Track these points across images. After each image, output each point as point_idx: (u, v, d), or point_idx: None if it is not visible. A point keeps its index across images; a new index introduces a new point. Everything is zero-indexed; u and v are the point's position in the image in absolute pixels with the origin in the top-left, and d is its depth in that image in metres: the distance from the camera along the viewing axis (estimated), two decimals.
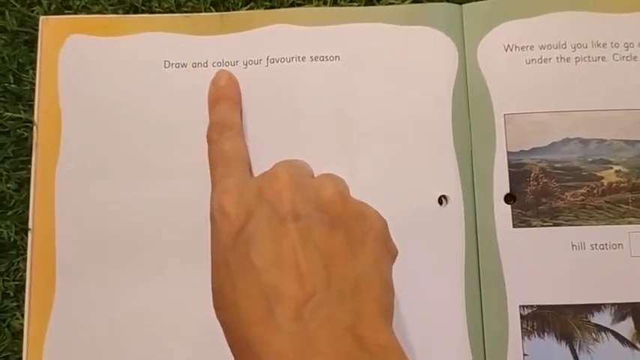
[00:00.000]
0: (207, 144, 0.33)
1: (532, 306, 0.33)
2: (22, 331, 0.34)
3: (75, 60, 0.36)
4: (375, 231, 0.26)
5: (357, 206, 0.27)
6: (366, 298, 0.25)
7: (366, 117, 0.35)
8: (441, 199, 0.34)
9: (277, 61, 0.35)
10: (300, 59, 0.35)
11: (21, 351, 0.33)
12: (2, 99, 0.36)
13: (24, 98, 0.36)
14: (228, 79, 0.35)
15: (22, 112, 0.36)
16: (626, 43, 0.35)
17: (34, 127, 0.35)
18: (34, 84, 0.36)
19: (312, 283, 0.24)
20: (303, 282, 0.24)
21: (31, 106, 0.36)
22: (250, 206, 0.26)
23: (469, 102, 0.35)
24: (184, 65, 0.36)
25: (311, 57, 0.35)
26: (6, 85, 0.36)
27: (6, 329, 0.34)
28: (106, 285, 0.34)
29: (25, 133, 0.36)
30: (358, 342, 0.23)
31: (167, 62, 0.36)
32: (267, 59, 0.35)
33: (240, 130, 0.33)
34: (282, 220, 0.25)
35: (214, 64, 0.36)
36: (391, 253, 0.27)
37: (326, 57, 0.35)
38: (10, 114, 0.36)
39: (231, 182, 0.28)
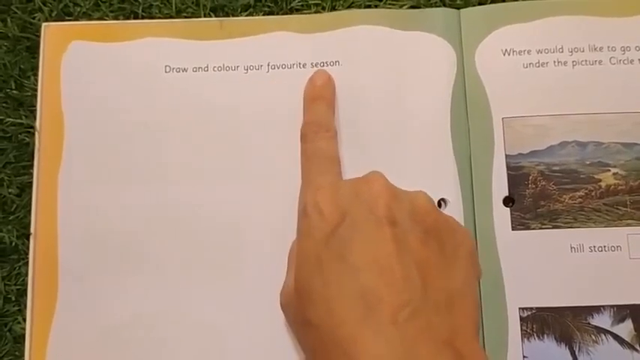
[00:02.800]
0: (299, 141, 0.33)
1: (531, 308, 0.33)
2: (23, 335, 0.34)
3: (77, 66, 0.36)
4: (465, 247, 0.27)
5: (448, 220, 0.27)
6: (460, 313, 0.25)
7: (366, 121, 0.35)
8: (440, 202, 0.34)
9: (278, 67, 0.36)
10: (301, 65, 0.36)
11: (22, 355, 0.33)
12: (4, 105, 0.36)
13: (25, 104, 0.36)
14: (327, 79, 0.34)
15: (23, 117, 0.36)
16: (623, 46, 0.35)
17: (36, 133, 0.35)
18: (35, 90, 0.36)
19: (408, 289, 0.24)
20: (399, 287, 0.24)
21: (33, 112, 0.36)
22: (346, 206, 0.27)
23: (467, 106, 0.35)
24: (185, 70, 0.36)
25: (311, 63, 0.36)
26: (7, 91, 0.36)
27: (7, 333, 0.34)
28: (108, 289, 0.34)
29: (27, 139, 0.36)
30: (458, 357, 0.23)
31: (168, 67, 0.36)
32: (268, 65, 0.36)
33: (335, 133, 0.33)
34: (379, 224, 0.26)
35: (215, 69, 0.36)
36: (478, 274, 0.28)
37: (326, 62, 0.36)
38: (11, 119, 0.36)
39: (327, 180, 0.29)
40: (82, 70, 0.36)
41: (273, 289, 0.31)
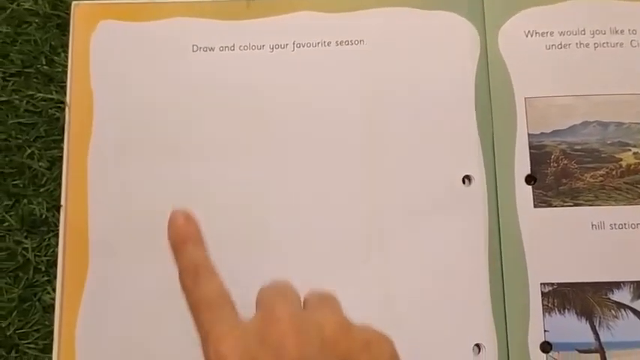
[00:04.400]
0: (183, 290, 0.30)
1: (553, 283, 0.34)
2: (52, 305, 0.34)
3: (106, 44, 0.37)
4: (386, 357, 0.26)
5: (360, 335, 0.26)
6: None
7: (391, 99, 0.35)
8: (465, 179, 0.34)
9: (303, 46, 0.36)
10: (326, 44, 0.36)
11: (51, 325, 0.34)
12: (34, 80, 0.37)
13: (56, 80, 0.37)
14: (184, 218, 0.32)
15: (54, 93, 0.37)
16: None
17: (66, 108, 0.36)
18: (65, 66, 0.37)
19: None
20: None
21: (63, 88, 0.37)
22: (252, 354, 0.25)
23: (490, 86, 0.36)
24: (212, 49, 0.37)
25: (336, 42, 0.36)
26: (38, 66, 0.37)
27: (37, 303, 0.35)
28: (138, 261, 0.34)
29: (57, 114, 0.37)
30: None
31: (195, 46, 0.37)
32: (294, 44, 0.36)
33: (213, 268, 0.30)
34: None
35: (241, 48, 0.37)
36: None
37: (350, 41, 0.36)
38: (42, 95, 0.37)
39: (226, 328, 0.26)
40: (111, 48, 0.37)
41: (303, 257, 0.32)
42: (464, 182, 0.34)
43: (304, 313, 0.27)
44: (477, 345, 0.33)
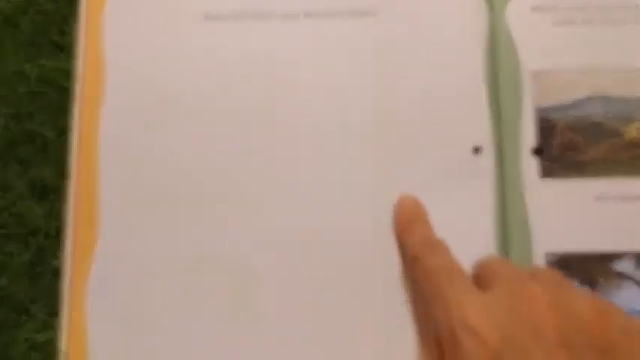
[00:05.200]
0: (412, 261, 0.30)
1: (557, 253, 0.34)
2: (62, 270, 0.35)
3: (118, 13, 0.37)
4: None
5: (620, 321, 0.25)
6: None
7: (401, 71, 0.36)
8: (475, 150, 0.35)
9: (314, 15, 0.37)
10: (337, 14, 0.37)
11: (61, 290, 0.34)
12: (45, 50, 0.37)
13: (66, 49, 0.37)
14: (414, 201, 0.33)
15: (64, 62, 0.37)
16: None
17: (77, 78, 0.36)
18: (76, 36, 0.37)
19: None
20: None
21: (74, 57, 0.37)
22: (505, 328, 0.24)
23: (498, 60, 0.36)
24: (224, 17, 0.37)
25: (348, 11, 0.37)
26: (49, 36, 0.37)
27: (47, 268, 0.35)
28: (148, 228, 0.35)
29: (67, 83, 0.37)
30: None
31: (207, 14, 0.37)
32: (304, 13, 0.37)
33: (447, 246, 0.30)
34: (549, 348, 0.23)
35: (252, 17, 0.37)
36: None
37: (363, 12, 0.37)
38: (52, 64, 0.37)
39: (468, 296, 0.25)
40: (124, 17, 0.37)
41: (314, 225, 0.32)
42: (474, 153, 0.35)
43: (554, 292, 0.25)
44: None
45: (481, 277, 0.27)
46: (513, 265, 0.27)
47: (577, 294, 0.25)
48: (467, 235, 0.34)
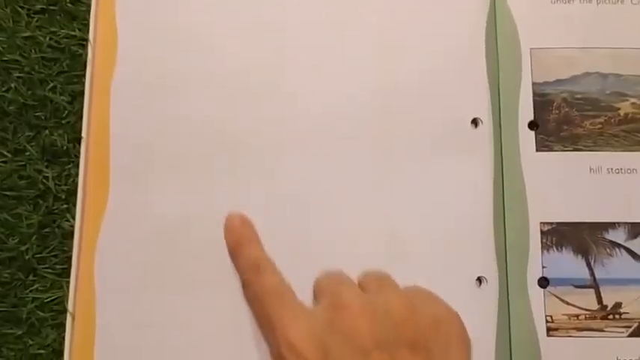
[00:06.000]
0: (243, 288, 0.31)
1: (552, 223, 0.35)
2: (71, 232, 0.36)
3: None
4: (453, 336, 0.26)
5: (427, 314, 0.26)
6: None
7: (405, 46, 0.37)
8: (473, 122, 0.36)
9: None
10: None
11: (70, 250, 0.35)
12: (58, 17, 0.38)
13: (79, 18, 0.38)
14: (240, 221, 0.33)
15: (77, 30, 0.38)
16: None
17: (89, 45, 0.37)
18: (89, 5, 0.38)
19: None
20: None
21: (86, 26, 0.38)
22: (324, 342, 0.25)
23: (498, 37, 0.37)
24: None
25: None
26: (62, 4, 0.38)
27: (56, 230, 0.36)
28: (157, 190, 0.36)
29: (80, 50, 0.38)
30: None
31: None
32: None
33: (273, 263, 0.31)
34: (365, 353, 0.24)
35: None
36: (469, 348, 0.27)
37: None
38: (65, 31, 0.38)
39: (293, 315, 0.26)
40: None
41: (317, 191, 0.33)
42: (472, 125, 0.36)
43: (370, 297, 0.26)
44: (479, 278, 0.35)
45: (314, 294, 0.28)
46: (339, 277, 0.28)
47: (391, 295, 0.26)
48: (465, 205, 0.36)
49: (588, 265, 0.35)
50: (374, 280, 0.28)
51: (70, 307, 0.35)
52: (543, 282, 0.35)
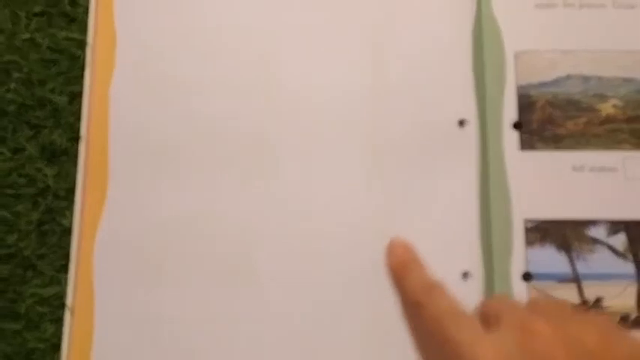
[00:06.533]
0: (413, 309, 0.29)
1: (535, 220, 0.37)
2: (70, 229, 0.37)
3: None
4: None
5: (626, 348, 0.25)
6: None
7: (395, 50, 0.39)
8: (460, 123, 0.37)
9: None
10: None
11: (68, 247, 0.36)
12: (57, 20, 0.39)
13: (78, 20, 0.39)
14: (405, 245, 0.31)
15: (75, 32, 0.39)
16: None
17: (87, 46, 0.38)
18: (87, 8, 0.39)
19: None
20: None
21: (85, 28, 0.39)
22: None
23: (484, 40, 0.39)
24: None
25: None
26: (61, 7, 0.39)
27: (55, 227, 0.37)
28: (155, 189, 0.37)
29: (78, 52, 0.39)
30: None
31: None
32: None
33: (445, 287, 0.29)
34: None
35: None
36: None
37: None
38: (64, 34, 0.39)
39: (476, 338, 0.25)
40: None
41: (308, 190, 0.34)
42: (459, 125, 0.37)
43: (561, 322, 0.26)
44: (465, 273, 0.36)
45: (485, 317, 0.28)
46: (513, 301, 0.28)
47: (581, 322, 0.26)
48: (451, 203, 0.37)
49: (570, 260, 0.36)
50: (551, 306, 0.27)
51: (68, 302, 0.36)
52: (527, 276, 0.36)
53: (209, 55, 0.38)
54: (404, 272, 0.31)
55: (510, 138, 0.37)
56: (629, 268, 0.36)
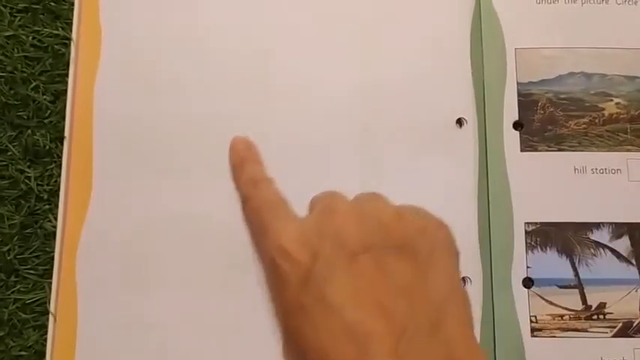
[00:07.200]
0: (243, 204, 0.31)
1: (536, 223, 0.35)
2: (53, 232, 0.35)
3: None
4: (439, 243, 0.26)
5: (415, 221, 0.26)
6: (451, 322, 0.24)
7: (392, 46, 0.37)
8: (459, 122, 0.36)
9: None
10: None
11: (52, 251, 0.35)
12: (41, 16, 0.38)
13: (62, 17, 0.38)
14: (247, 143, 0.33)
15: (60, 29, 0.38)
16: None
17: (72, 44, 0.37)
18: (72, 4, 0.38)
19: (399, 317, 0.23)
20: (391, 318, 0.23)
21: (69, 25, 0.37)
22: (313, 245, 0.25)
23: (483, 37, 0.37)
24: None
25: None
26: (45, 3, 0.38)
27: (38, 230, 0.36)
28: (141, 190, 0.35)
29: (62, 49, 0.37)
30: None
31: None
32: None
33: (272, 179, 0.31)
34: (353, 255, 0.24)
35: None
36: (456, 257, 0.27)
37: None
38: (48, 30, 0.38)
39: (284, 223, 0.27)
40: None
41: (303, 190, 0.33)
42: (457, 125, 0.36)
43: (360, 204, 0.27)
44: (464, 278, 0.35)
45: (311, 206, 0.28)
46: (334, 192, 0.28)
47: (383, 204, 0.27)
48: (450, 205, 0.35)
49: (572, 265, 0.35)
50: (366, 194, 0.28)
51: (51, 308, 0.34)
52: (528, 282, 0.35)
53: (197, 53, 0.37)
54: (239, 169, 0.32)
55: (511, 138, 0.36)
56: (632, 272, 0.35)
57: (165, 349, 0.34)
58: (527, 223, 0.35)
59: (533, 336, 0.34)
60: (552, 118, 0.36)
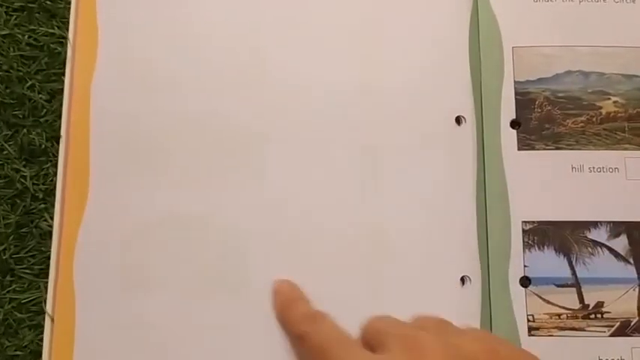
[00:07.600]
0: (298, 339, 0.31)
1: (534, 221, 0.35)
2: (49, 232, 0.35)
3: None
4: None
5: (508, 355, 0.26)
6: None
7: (390, 44, 0.37)
8: (457, 120, 0.36)
9: None
10: None
11: (48, 251, 0.35)
12: (37, 15, 0.38)
13: (58, 15, 0.38)
14: (289, 284, 0.33)
15: (56, 28, 0.38)
16: None
17: (68, 43, 0.37)
18: (68, 3, 0.38)
19: None
20: None
21: (65, 23, 0.37)
22: None
23: (480, 35, 0.37)
24: None
25: None
26: (41, 2, 0.38)
27: (34, 230, 0.36)
28: (138, 190, 0.35)
29: (59, 48, 0.37)
30: None
31: None
32: None
33: (329, 315, 0.30)
34: None
35: None
36: None
37: None
38: (44, 29, 0.37)
39: (362, 356, 0.26)
40: None
41: (301, 190, 0.33)
42: (456, 123, 0.36)
43: (447, 339, 0.26)
44: (462, 278, 0.34)
45: (370, 340, 0.28)
46: (396, 320, 0.28)
47: (465, 336, 0.26)
48: (448, 203, 0.35)
49: (570, 264, 0.35)
50: (432, 321, 0.27)
51: (48, 308, 0.34)
52: (525, 281, 0.34)
53: (195, 52, 0.37)
54: (289, 306, 0.32)
55: (508, 137, 0.36)
56: (630, 271, 0.35)
57: (164, 348, 0.34)
58: (525, 222, 0.35)
59: (530, 335, 0.34)
60: (550, 117, 0.36)
